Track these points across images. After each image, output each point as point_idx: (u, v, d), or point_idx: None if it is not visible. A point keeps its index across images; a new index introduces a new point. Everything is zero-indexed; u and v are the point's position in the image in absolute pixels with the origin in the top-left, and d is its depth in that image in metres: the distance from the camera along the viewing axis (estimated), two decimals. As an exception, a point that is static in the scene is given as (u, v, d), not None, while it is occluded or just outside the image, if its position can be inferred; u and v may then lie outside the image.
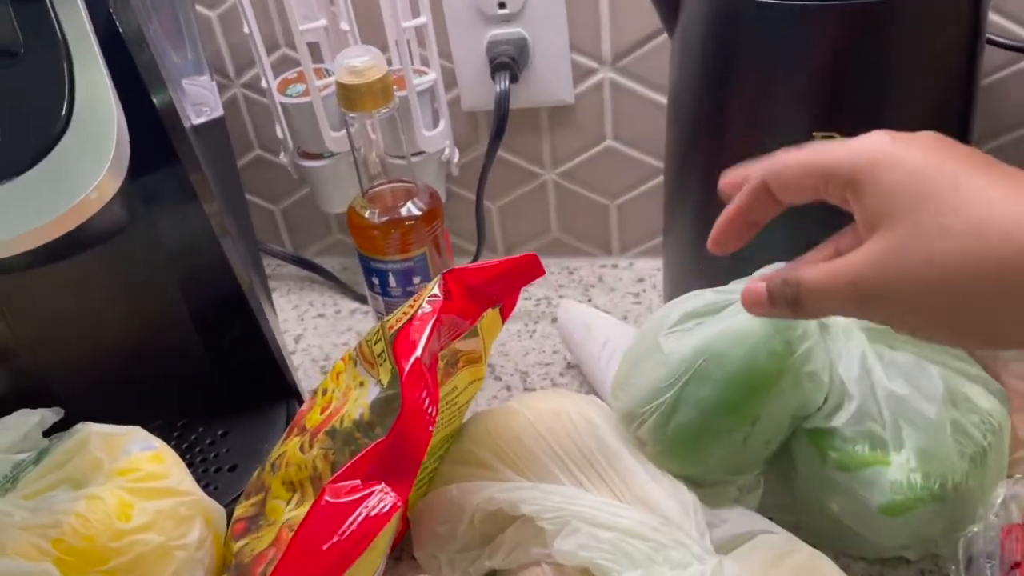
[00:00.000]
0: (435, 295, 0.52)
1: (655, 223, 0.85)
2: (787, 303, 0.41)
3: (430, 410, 0.46)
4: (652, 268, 0.89)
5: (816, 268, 0.40)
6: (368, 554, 0.42)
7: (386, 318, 0.53)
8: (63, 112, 0.47)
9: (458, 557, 0.56)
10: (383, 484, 0.45)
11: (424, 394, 0.47)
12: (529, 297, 0.87)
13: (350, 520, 0.43)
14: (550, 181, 0.86)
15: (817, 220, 0.64)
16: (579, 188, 0.86)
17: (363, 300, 0.90)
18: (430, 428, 0.46)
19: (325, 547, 0.42)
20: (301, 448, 0.55)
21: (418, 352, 0.48)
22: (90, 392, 0.65)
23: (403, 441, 0.46)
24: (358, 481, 0.45)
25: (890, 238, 0.36)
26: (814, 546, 0.52)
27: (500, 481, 0.56)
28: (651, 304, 0.84)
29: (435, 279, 0.53)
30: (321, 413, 0.57)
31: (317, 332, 0.87)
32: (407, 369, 0.47)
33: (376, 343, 0.53)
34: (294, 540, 0.43)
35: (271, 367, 0.71)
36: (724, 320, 0.55)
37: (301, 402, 0.72)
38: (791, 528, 0.54)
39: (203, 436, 0.69)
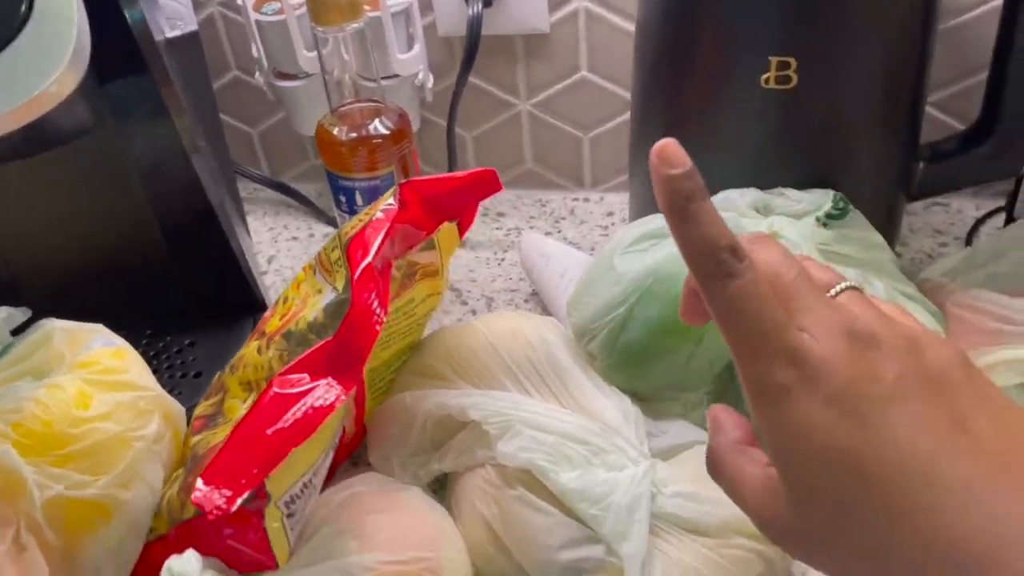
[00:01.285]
0: (390, 204, 0.53)
1: (627, 157, 0.86)
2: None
3: (378, 311, 0.48)
4: (622, 202, 0.90)
5: (733, 462, 0.34)
6: (311, 442, 0.44)
7: (343, 226, 0.54)
8: (23, 7, 0.48)
9: (410, 460, 0.58)
10: (329, 378, 0.46)
11: (373, 296, 0.48)
12: (500, 227, 0.88)
13: (295, 409, 0.45)
14: (524, 111, 0.87)
15: (772, 157, 0.65)
16: (553, 119, 0.87)
17: (337, 224, 0.91)
18: (377, 328, 0.47)
19: (269, 431, 0.44)
20: (259, 350, 0.56)
21: (370, 256, 0.49)
22: (57, 299, 0.66)
23: (350, 339, 0.47)
24: (306, 375, 0.47)
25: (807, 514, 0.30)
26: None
27: (452, 390, 0.57)
28: (619, 237, 0.85)
29: (391, 188, 0.54)
30: (280, 320, 0.58)
31: (290, 254, 0.89)
32: (358, 271, 0.49)
33: (333, 250, 0.54)
34: (240, 424, 0.44)
35: (239, 283, 0.72)
36: (673, 243, 0.56)
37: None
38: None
39: (170, 345, 0.71)
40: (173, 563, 0.47)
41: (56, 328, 0.55)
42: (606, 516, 0.48)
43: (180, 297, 0.72)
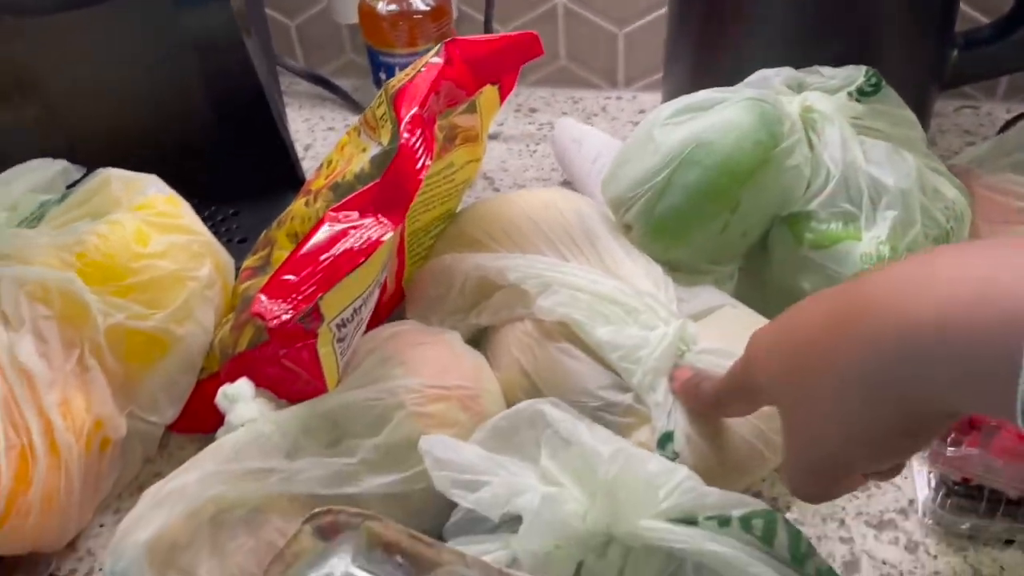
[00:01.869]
0: (436, 60, 0.54)
1: (661, 54, 0.87)
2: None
3: (423, 156, 0.50)
4: (654, 100, 0.90)
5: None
6: (360, 271, 0.46)
7: (389, 80, 0.56)
8: None
9: (448, 317, 0.60)
10: (377, 215, 0.49)
11: (418, 141, 0.50)
12: (532, 122, 0.90)
13: (346, 239, 0.47)
14: (560, 5, 0.88)
15: (808, 40, 0.66)
16: (588, 14, 0.88)
17: (372, 117, 0.93)
18: (422, 173, 0.49)
19: (322, 258, 0.46)
20: (306, 203, 0.59)
21: (416, 104, 0.51)
22: (107, 163, 0.69)
23: (396, 180, 0.49)
24: (355, 212, 0.49)
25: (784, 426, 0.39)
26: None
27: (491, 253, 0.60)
28: (650, 132, 0.86)
29: (436, 46, 0.55)
30: (325, 179, 0.61)
31: (327, 143, 0.91)
32: (405, 118, 0.50)
33: (379, 106, 0.56)
34: (295, 252, 0.47)
35: (282, 158, 0.75)
36: (715, 113, 0.58)
37: (308, 192, 0.76)
38: (760, 319, 0.58)
39: (215, 213, 0.73)
40: (228, 388, 0.50)
41: (113, 175, 0.58)
42: (636, 368, 0.51)
43: (226, 170, 0.74)
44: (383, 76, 0.72)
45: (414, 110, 0.52)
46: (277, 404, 0.51)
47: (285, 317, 0.43)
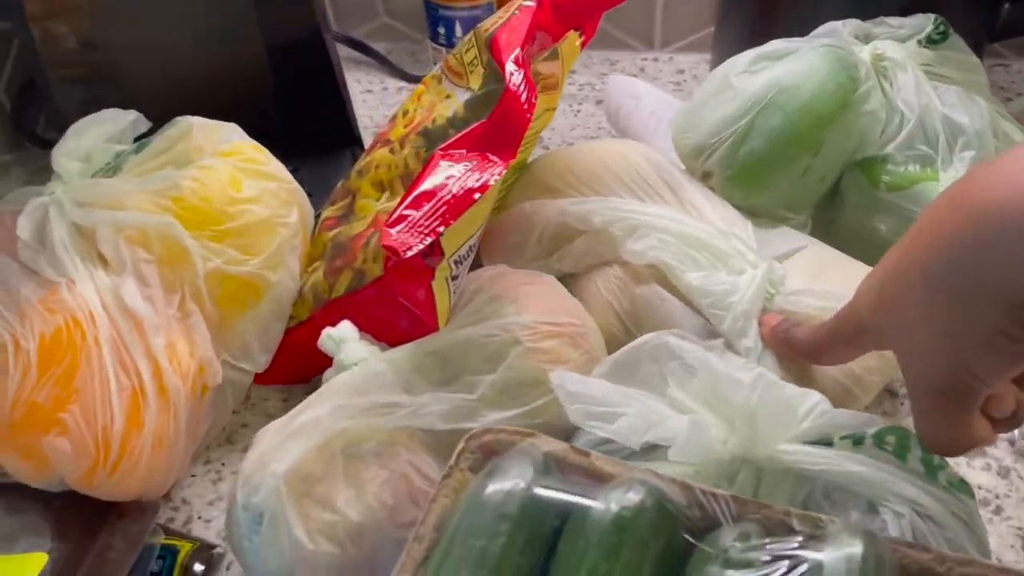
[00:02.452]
0: (529, 3, 0.54)
1: (698, 15, 0.88)
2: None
3: (529, 95, 0.50)
4: (692, 62, 0.92)
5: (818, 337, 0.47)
6: (476, 207, 0.46)
7: (479, 25, 0.56)
8: None
9: (527, 265, 0.61)
10: (486, 154, 0.49)
11: (523, 81, 0.50)
12: (572, 83, 0.90)
13: (461, 176, 0.47)
14: (601, -34, 0.88)
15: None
16: (628, -25, 0.88)
17: (409, 79, 0.93)
18: (530, 111, 0.49)
19: (440, 195, 0.46)
20: (391, 151, 0.58)
21: (517, 45, 0.51)
22: (167, 119, 0.68)
23: (504, 120, 0.49)
24: (463, 150, 0.49)
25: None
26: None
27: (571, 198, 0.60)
28: (692, 91, 0.87)
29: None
30: (405, 128, 0.61)
31: (365, 105, 0.90)
32: (509, 58, 0.51)
33: (467, 51, 0.56)
34: (410, 190, 0.47)
35: (339, 116, 0.74)
36: (792, 60, 0.59)
37: (363, 148, 0.76)
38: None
39: (275, 170, 0.73)
40: (332, 331, 0.50)
41: (195, 123, 0.57)
42: (726, 315, 0.51)
43: (286, 127, 0.73)
44: (441, 30, 0.72)
45: (516, 51, 0.52)
46: (380, 347, 0.51)
47: (418, 248, 0.44)
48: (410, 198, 0.46)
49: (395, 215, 0.46)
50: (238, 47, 0.69)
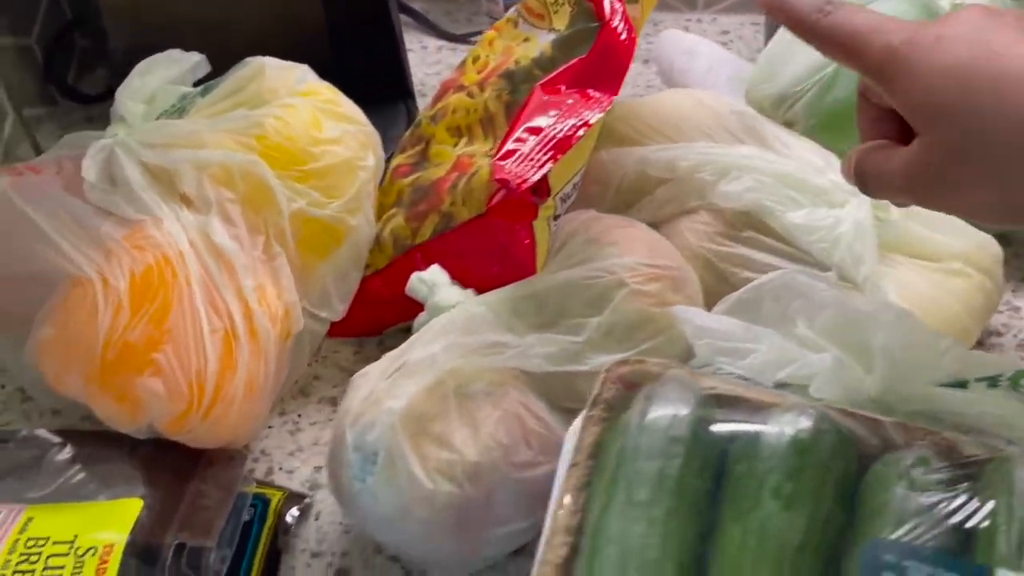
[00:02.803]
0: (618, -57, 0.53)
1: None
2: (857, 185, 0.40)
3: (628, 33, 0.49)
4: (736, 23, 0.91)
5: (875, 157, 0.38)
6: (581, 145, 0.45)
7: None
8: None
9: (605, 216, 0.60)
10: (587, 90, 0.47)
11: (621, 15, 0.49)
12: (616, 43, 0.89)
13: (563, 111, 0.46)
14: (649, -78, 0.86)
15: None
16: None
17: (449, 39, 0.91)
18: (632, 45, 0.48)
19: (546, 130, 0.45)
20: (468, 95, 0.57)
21: (614, -19, 0.50)
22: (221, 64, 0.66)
23: (605, 56, 0.48)
24: (563, 85, 0.48)
25: (933, 144, 0.34)
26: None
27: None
28: (739, 52, 0.86)
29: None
30: (479, 72, 0.59)
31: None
32: (607, -7, 0.49)
33: (550, -9, 0.55)
34: (512, 127, 0.45)
35: (394, 66, 0.72)
36: (876, 6, 0.58)
37: (415, 103, 0.74)
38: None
39: (329, 122, 0.71)
40: (423, 275, 0.49)
41: (267, 63, 0.55)
42: (835, 248, 0.50)
43: (338, 79, 0.71)
44: (500, -21, 0.71)
45: (612, -16, 0.50)
46: (470, 292, 0.50)
47: (533, 179, 0.42)
48: (516, 133, 0.45)
49: (502, 150, 0.44)
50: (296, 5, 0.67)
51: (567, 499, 0.30)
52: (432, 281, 0.48)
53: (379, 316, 0.58)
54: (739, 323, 0.41)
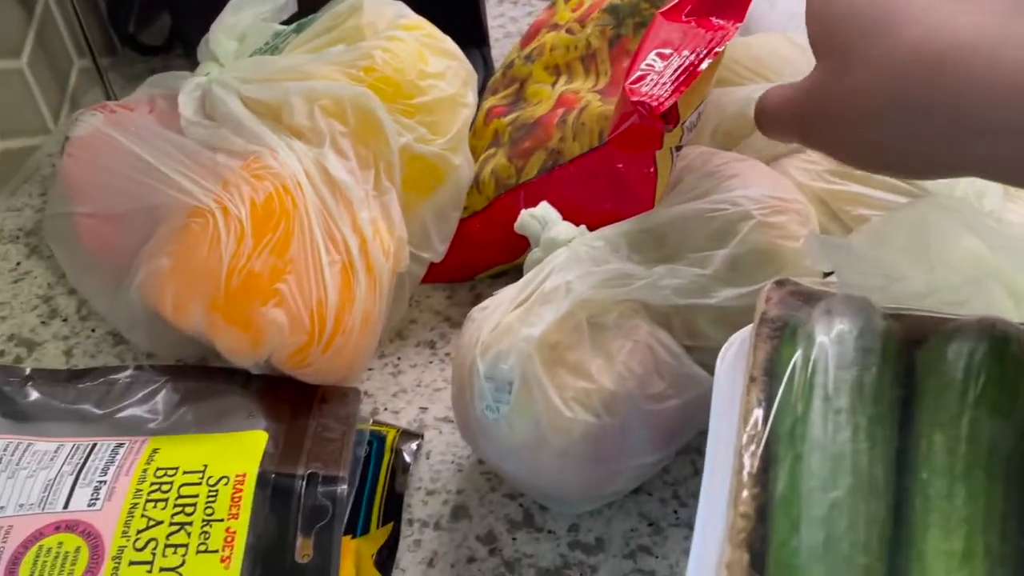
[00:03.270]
0: None
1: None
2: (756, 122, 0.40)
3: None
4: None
5: (773, 92, 0.39)
6: (707, 72, 0.44)
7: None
8: None
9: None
10: (709, 17, 0.46)
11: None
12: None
13: (687, 38, 0.44)
14: None
15: None
16: None
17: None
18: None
19: (671, 58, 0.44)
20: (568, 31, 0.56)
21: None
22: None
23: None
24: (685, 14, 0.47)
25: (823, 69, 0.35)
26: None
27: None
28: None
29: None
30: (573, 11, 0.58)
31: (469, 16, 0.87)
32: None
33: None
34: (641, 49, 0.44)
35: (471, 12, 0.71)
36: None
37: (490, 50, 0.73)
38: None
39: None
40: (534, 211, 0.48)
41: (366, -1, 0.54)
42: (957, 182, 0.49)
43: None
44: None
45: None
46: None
47: (671, 101, 0.41)
48: (645, 58, 0.43)
49: (633, 75, 0.43)
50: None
51: (757, 412, 0.29)
52: (544, 217, 0.47)
53: (473, 260, 0.57)
54: (881, 250, 0.40)
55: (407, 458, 0.46)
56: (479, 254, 0.56)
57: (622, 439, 0.41)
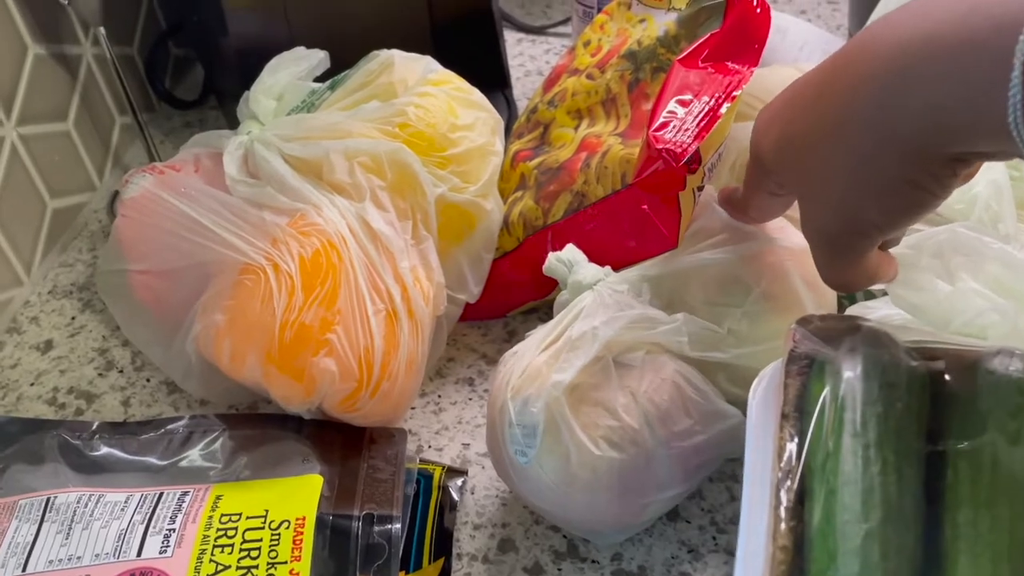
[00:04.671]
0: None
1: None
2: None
3: (760, 2, 0.50)
4: (811, 2, 0.91)
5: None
6: (727, 115, 0.46)
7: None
8: None
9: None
10: (725, 62, 0.48)
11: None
12: (694, 28, 0.90)
13: (710, 84, 0.47)
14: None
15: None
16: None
17: (527, 31, 0.92)
18: (767, 16, 0.49)
19: (691, 104, 0.46)
20: (588, 77, 0.58)
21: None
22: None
23: (742, 27, 0.49)
24: (701, 60, 0.49)
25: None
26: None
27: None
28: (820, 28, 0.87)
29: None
30: (592, 56, 0.60)
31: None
32: (737, -32, 0.50)
33: (669, -28, 0.56)
34: (661, 97, 0.47)
35: (493, 56, 0.74)
36: None
37: (512, 92, 0.76)
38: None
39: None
40: (560, 254, 0.50)
41: (396, 56, 0.56)
42: (972, 208, 0.51)
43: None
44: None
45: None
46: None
47: (693, 148, 0.43)
48: (666, 106, 0.46)
49: (656, 122, 0.45)
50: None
51: (790, 446, 0.31)
52: (570, 260, 0.49)
53: (505, 298, 0.59)
54: (903, 279, 0.41)
55: (454, 495, 0.48)
56: (510, 293, 0.58)
57: (650, 474, 0.43)
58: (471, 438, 0.54)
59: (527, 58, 0.89)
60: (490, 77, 0.75)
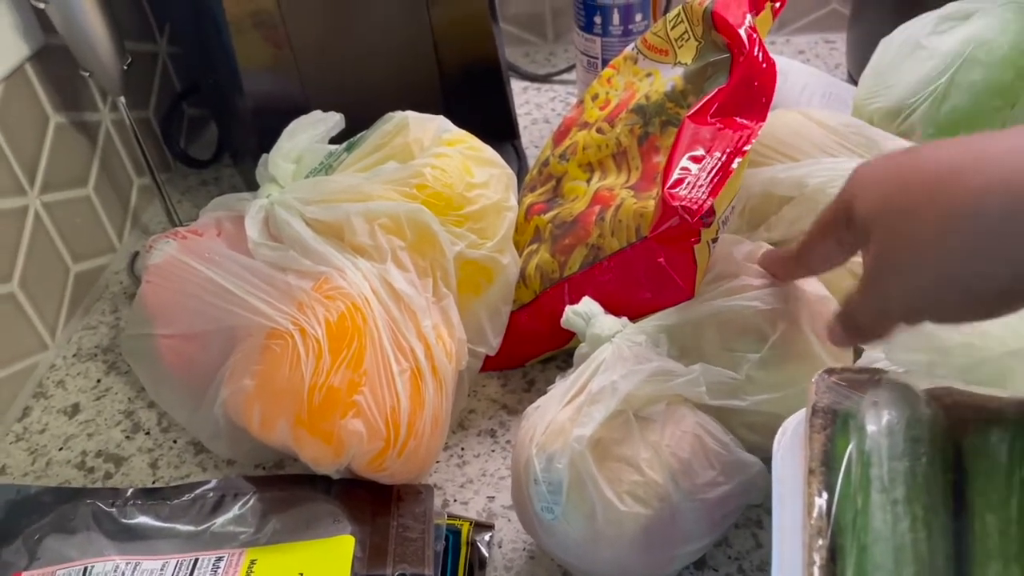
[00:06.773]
0: (737, -21, 0.56)
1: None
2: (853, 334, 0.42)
3: (766, 59, 0.51)
4: (810, 41, 0.93)
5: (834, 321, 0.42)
6: (739, 169, 0.47)
7: (686, 3, 0.57)
8: None
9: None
10: (733, 117, 0.50)
11: (759, 47, 0.51)
12: (696, 71, 0.91)
13: (720, 139, 0.48)
14: (722, -47, 0.90)
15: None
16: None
17: (533, 79, 0.94)
18: (772, 73, 0.50)
19: (704, 157, 0.47)
20: (598, 131, 0.59)
21: (747, 13, 0.52)
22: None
23: (750, 83, 0.50)
24: (711, 116, 0.50)
25: (870, 259, 0.38)
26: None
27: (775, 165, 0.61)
28: (819, 67, 0.89)
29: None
30: (601, 109, 0.62)
31: (495, 105, 0.91)
32: (743, 24, 0.52)
33: (674, 27, 0.58)
34: (674, 153, 0.48)
35: (501, 109, 0.76)
36: (982, 17, 0.60)
37: (520, 143, 0.77)
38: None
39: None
40: (577, 307, 0.51)
41: (411, 117, 0.58)
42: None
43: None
44: (597, 20, 0.74)
45: (748, 20, 0.53)
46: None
47: (708, 203, 0.44)
48: (680, 161, 0.47)
49: (670, 179, 0.46)
50: (410, 45, 0.71)
51: (819, 502, 0.32)
52: (587, 313, 0.50)
53: (523, 349, 0.60)
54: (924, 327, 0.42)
55: (483, 550, 0.49)
56: (529, 343, 0.59)
57: (676, 528, 0.43)
58: (496, 491, 0.54)
59: (533, 106, 0.91)
60: (499, 129, 0.77)
